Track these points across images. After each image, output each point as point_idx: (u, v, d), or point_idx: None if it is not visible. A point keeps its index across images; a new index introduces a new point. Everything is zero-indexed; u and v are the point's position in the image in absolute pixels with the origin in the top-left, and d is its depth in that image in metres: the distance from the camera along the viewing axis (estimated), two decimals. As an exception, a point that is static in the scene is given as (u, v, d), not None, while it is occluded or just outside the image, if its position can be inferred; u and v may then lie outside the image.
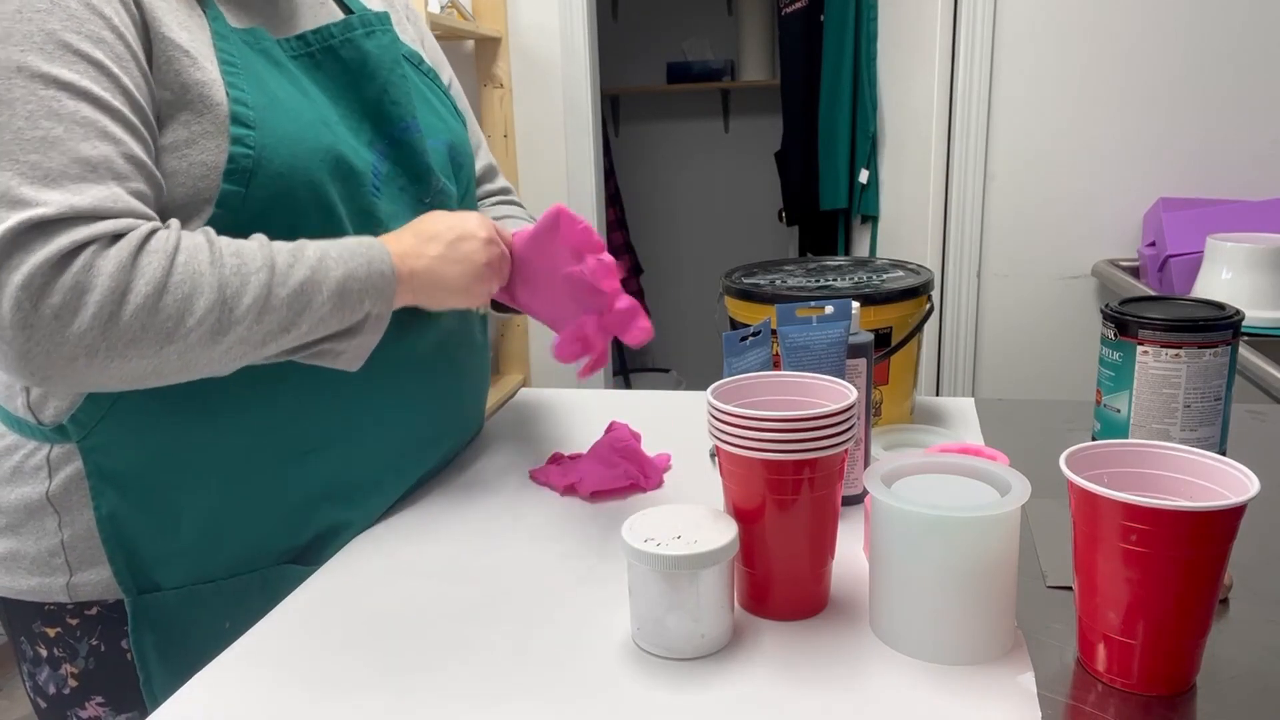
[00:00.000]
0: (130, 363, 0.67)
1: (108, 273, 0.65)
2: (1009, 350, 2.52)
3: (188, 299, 0.68)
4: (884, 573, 0.66)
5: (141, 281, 0.66)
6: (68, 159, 0.66)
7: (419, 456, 0.94)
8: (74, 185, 0.66)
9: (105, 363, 0.66)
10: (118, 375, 0.68)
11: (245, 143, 0.73)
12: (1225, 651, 0.65)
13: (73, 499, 0.79)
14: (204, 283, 0.68)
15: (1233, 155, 2.32)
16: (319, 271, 0.74)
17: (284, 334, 0.73)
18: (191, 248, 0.69)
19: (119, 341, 0.66)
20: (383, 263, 0.78)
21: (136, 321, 0.66)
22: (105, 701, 0.84)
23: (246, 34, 0.79)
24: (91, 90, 0.67)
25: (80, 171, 0.66)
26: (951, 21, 2.36)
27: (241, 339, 0.71)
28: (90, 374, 0.67)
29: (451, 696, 0.63)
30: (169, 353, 0.68)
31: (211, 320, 0.69)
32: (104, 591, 0.81)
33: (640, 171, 4.19)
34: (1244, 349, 1.50)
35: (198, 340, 0.69)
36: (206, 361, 0.70)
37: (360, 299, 0.76)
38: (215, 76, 0.74)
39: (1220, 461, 0.61)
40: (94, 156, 0.67)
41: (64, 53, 0.67)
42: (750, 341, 0.85)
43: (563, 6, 2.58)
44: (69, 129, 0.66)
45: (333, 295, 0.74)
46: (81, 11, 0.68)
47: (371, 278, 0.77)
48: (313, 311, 0.73)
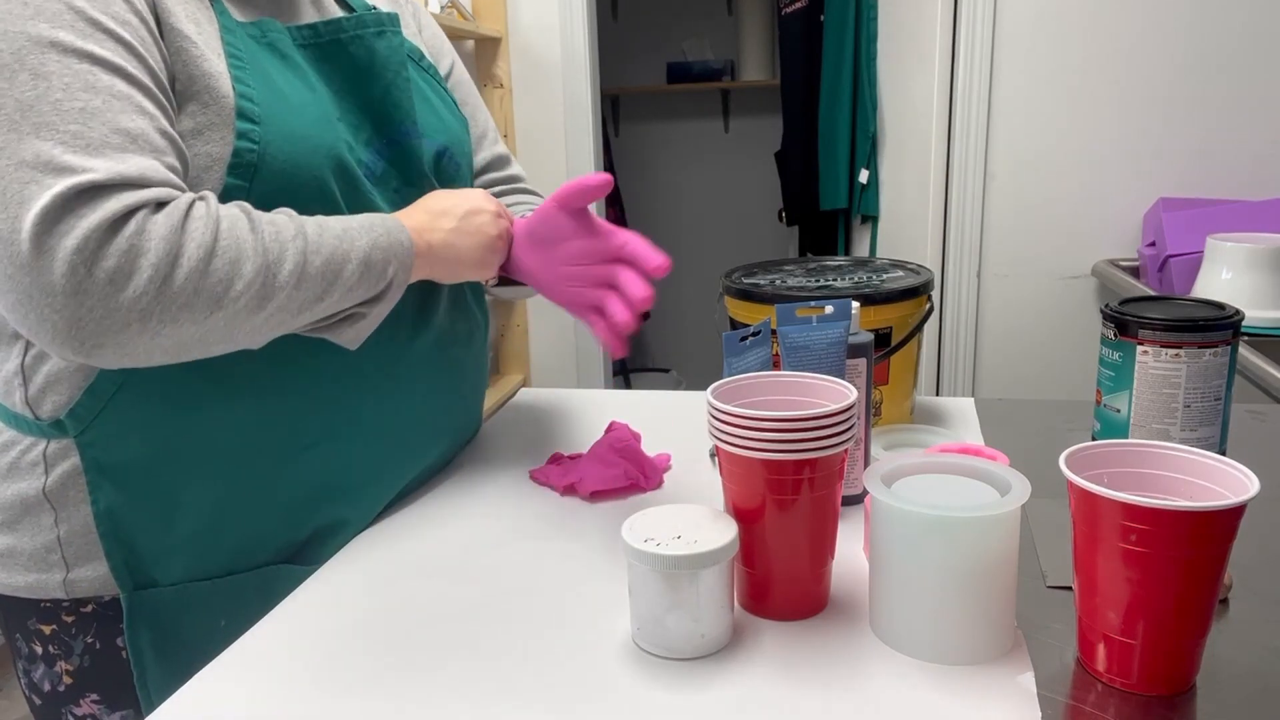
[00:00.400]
0: (181, 328, 0.67)
1: (160, 235, 0.66)
2: (1009, 350, 2.53)
3: (234, 264, 0.68)
4: (884, 573, 0.66)
5: (192, 245, 0.67)
6: (108, 129, 0.66)
7: (417, 454, 0.94)
8: (116, 154, 0.66)
9: (158, 328, 0.66)
10: (165, 343, 0.68)
11: (250, 137, 0.74)
12: (1225, 651, 0.65)
13: (69, 494, 0.79)
14: (248, 249, 0.69)
15: (1233, 155, 2.32)
16: (345, 240, 0.75)
17: (318, 302, 0.74)
18: (232, 216, 0.70)
19: (172, 305, 0.66)
20: (401, 233, 0.80)
21: (190, 285, 0.67)
22: (100, 699, 0.84)
23: (253, 26, 0.79)
24: (124, 67, 0.68)
25: (122, 141, 0.67)
26: (951, 21, 2.36)
27: (281, 306, 0.72)
28: (140, 341, 0.66)
29: (451, 696, 0.63)
30: (216, 319, 0.69)
31: (257, 286, 0.69)
32: (101, 588, 0.81)
33: (640, 171, 4.19)
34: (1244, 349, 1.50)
35: (244, 306, 0.69)
36: (249, 330, 0.71)
37: (384, 266, 0.78)
38: (222, 69, 0.74)
39: (1220, 461, 0.61)
40: (132, 128, 0.67)
41: (94, 30, 0.67)
42: (750, 341, 0.85)
43: (563, 6, 2.58)
44: (106, 101, 0.67)
45: (360, 264, 0.76)
46: None
47: (393, 247, 0.79)
48: (343, 280, 0.75)
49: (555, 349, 2.86)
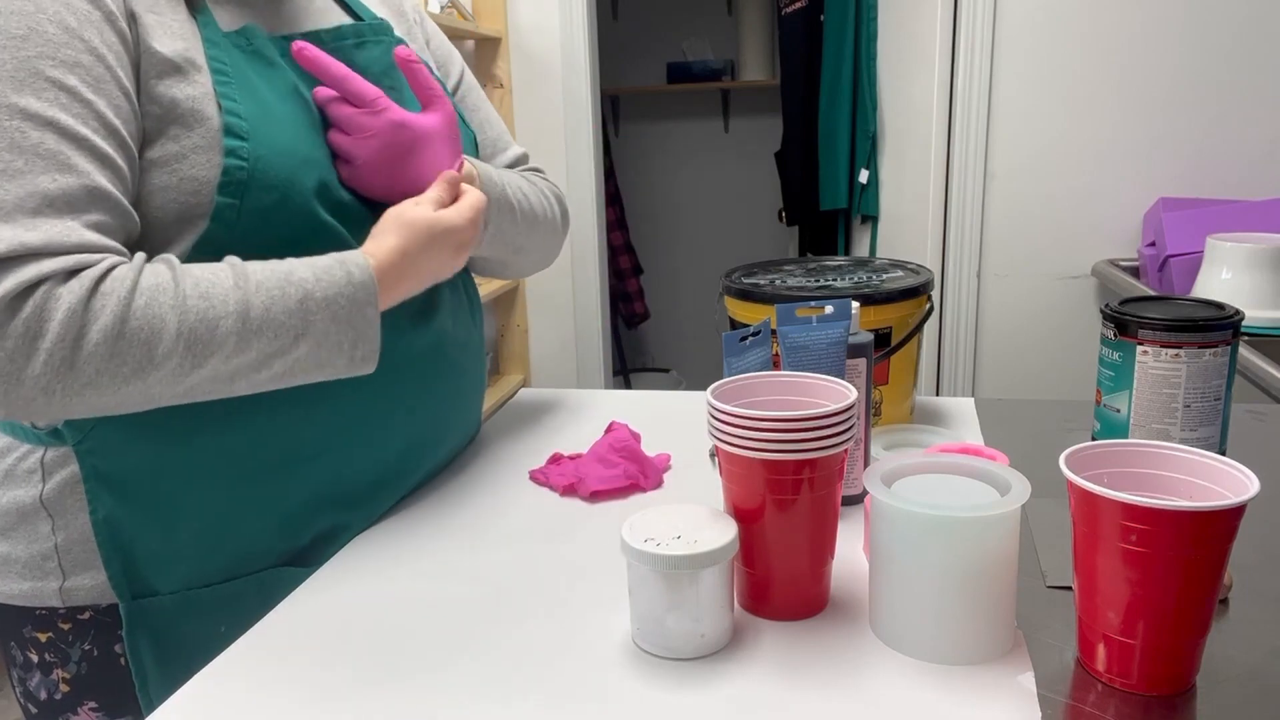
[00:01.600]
0: (89, 400, 0.67)
1: (58, 319, 0.64)
2: (1009, 350, 2.53)
3: (147, 344, 0.67)
4: (884, 573, 0.66)
5: (95, 327, 0.65)
6: (25, 192, 0.65)
7: (419, 459, 0.94)
8: (28, 220, 0.65)
9: (64, 400, 0.66)
10: (79, 410, 0.67)
11: (239, 154, 0.73)
12: (1225, 651, 0.65)
13: (67, 503, 0.78)
14: (165, 328, 0.67)
15: (1233, 155, 2.32)
16: (296, 316, 0.72)
17: (256, 373, 0.72)
18: (152, 289, 0.68)
19: (75, 383, 0.65)
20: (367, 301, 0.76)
21: (91, 366, 0.65)
22: (99, 707, 0.84)
23: (238, 35, 0.78)
24: (59, 120, 0.67)
25: (36, 205, 0.65)
26: (951, 21, 2.36)
27: (209, 378, 0.70)
28: (51, 410, 0.66)
29: (450, 697, 0.63)
30: (130, 391, 0.67)
31: (173, 364, 0.68)
32: (98, 596, 0.80)
33: (640, 171, 4.19)
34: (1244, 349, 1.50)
35: (159, 380, 0.68)
36: (171, 396, 0.70)
37: (338, 344, 0.75)
38: (207, 89, 0.73)
39: (1220, 461, 0.61)
40: (52, 190, 0.66)
41: (35, 80, 0.66)
42: (750, 341, 0.85)
43: (563, 6, 2.58)
44: (30, 161, 0.65)
45: (310, 340, 0.73)
46: (59, 36, 0.68)
47: (354, 320, 0.75)
48: (289, 357, 0.73)
49: (555, 349, 2.86)
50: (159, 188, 0.73)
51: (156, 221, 0.73)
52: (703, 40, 3.98)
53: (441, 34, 1.06)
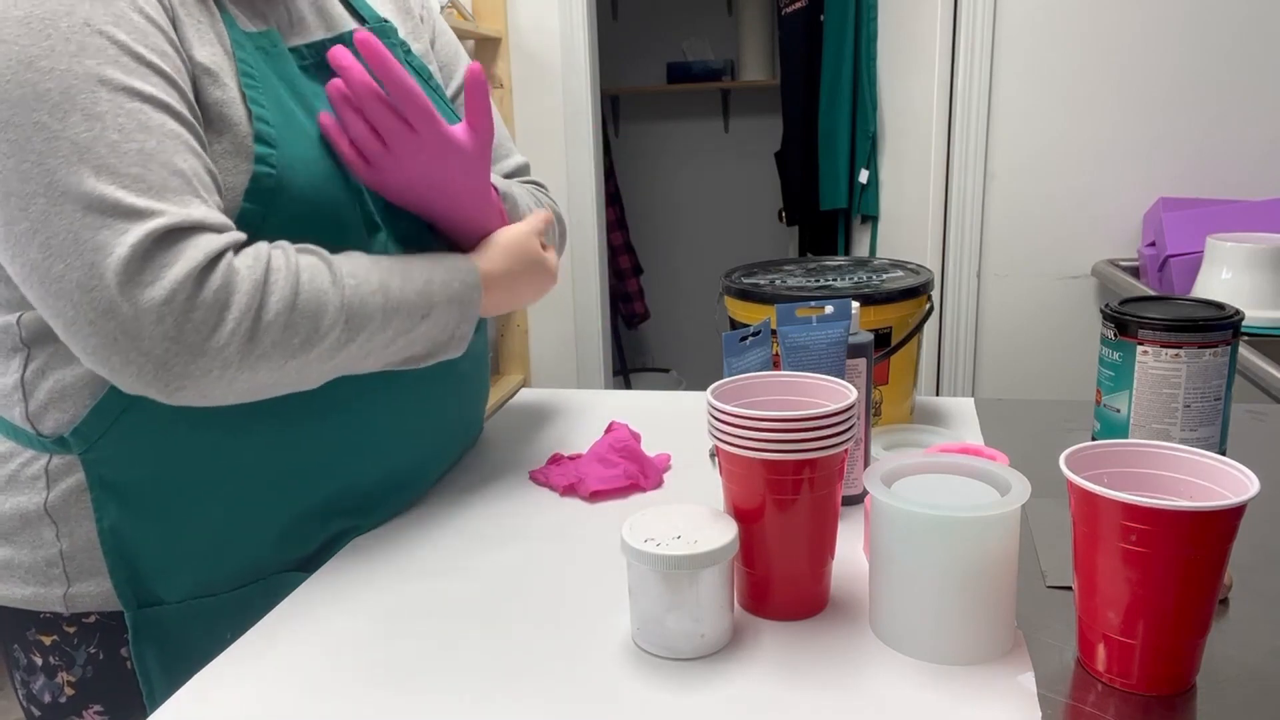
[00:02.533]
0: (259, 374, 0.69)
1: (245, 290, 0.67)
2: (1009, 350, 2.53)
3: (315, 317, 0.70)
4: (884, 573, 0.66)
5: (273, 300, 0.68)
6: (167, 171, 0.66)
7: (425, 468, 0.94)
8: (178, 197, 0.66)
9: (236, 374, 0.68)
10: (241, 388, 0.69)
11: (268, 161, 0.73)
12: (1225, 651, 0.65)
13: (72, 510, 0.78)
14: (329, 301, 0.71)
15: (1233, 155, 2.32)
16: (424, 296, 0.78)
17: (385, 350, 0.76)
18: (312, 267, 0.72)
19: (252, 355, 0.68)
20: (475, 285, 0.83)
21: (268, 338, 0.68)
22: (104, 710, 0.83)
23: (261, 37, 0.78)
24: (171, 104, 0.68)
25: (180, 184, 0.67)
26: (951, 21, 2.36)
27: (351, 356, 0.74)
28: (220, 385, 0.68)
29: (450, 696, 0.63)
30: (292, 366, 0.71)
31: (333, 338, 0.72)
32: (103, 603, 0.80)
33: (640, 171, 4.19)
34: (1244, 349, 1.50)
35: (318, 356, 0.72)
36: (318, 375, 0.73)
37: (447, 325, 0.81)
38: (235, 94, 0.73)
39: (1220, 461, 0.61)
40: (186, 170, 0.67)
41: (139, 65, 0.67)
42: (750, 341, 0.85)
43: (563, 6, 2.58)
44: (160, 142, 0.66)
45: (430, 322, 0.79)
46: (143, 25, 0.68)
47: (465, 307, 0.82)
48: (414, 334, 0.78)
49: (555, 349, 2.86)
50: None
51: None
52: (703, 40, 3.98)
53: (450, 33, 1.05)
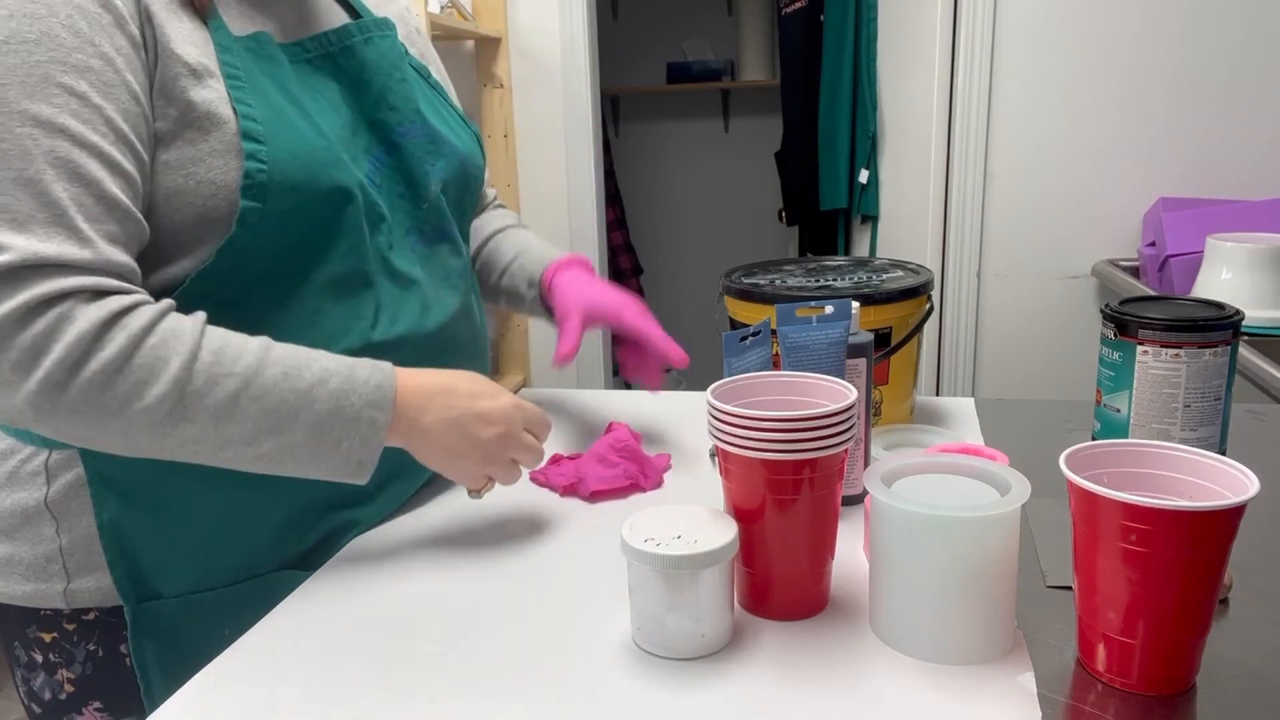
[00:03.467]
0: (70, 427, 0.67)
1: (66, 341, 0.65)
2: (1009, 350, 2.52)
3: (142, 384, 0.66)
4: (884, 573, 0.66)
5: (98, 357, 0.65)
6: (37, 202, 0.65)
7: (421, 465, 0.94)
8: (41, 230, 0.65)
9: (50, 420, 0.66)
10: (60, 433, 0.68)
11: (258, 157, 0.73)
12: (1225, 651, 0.65)
13: (72, 505, 0.78)
14: (165, 372, 0.67)
15: (1233, 155, 2.32)
16: (304, 398, 0.71)
17: (245, 447, 0.70)
18: (168, 331, 0.68)
19: (62, 408, 0.66)
20: (379, 406, 0.74)
21: (81, 394, 0.65)
22: (104, 707, 0.84)
23: (250, 40, 0.78)
24: (69, 126, 0.66)
25: (49, 216, 0.65)
26: (951, 21, 2.36)
27: (194, 439, 0.69)
28: (38, 425, 0.67)
29: (451, 696, 0.63)
30: (110, 429, 0.67)
31: (162, 411, 0.67)
32: (103, 599, 0.80)
33: (640, 171, 4.19)
34: (1244, 349, 1.50)
35: (144, 427, 0.67)
36: (156, 448, 0.69)
37: (338, 441, 0.73)
38: (221, 93, 0.73)
39: (1220, 461, 0.61)
40: (64, 199, 0.66)
41: (45, 86, 0.66)
42: (750, 341, 0.85)
43: (563, 6, 2.58)
44: (40, 169, 0.65)
45: (308, 427, 0.71)
46: (70, 40, 0.67)
47: (359, 422, 0.73)
48: (281, 439, 0.71)
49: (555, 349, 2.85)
50: (174, 191, 0.72)
51: (171, 226, 0.73)
52: (703, 40, 3.98)
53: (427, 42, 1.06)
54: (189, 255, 0.74)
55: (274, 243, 0.75)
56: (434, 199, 0.89)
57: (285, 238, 0.76)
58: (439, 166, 0.90)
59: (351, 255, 0.80)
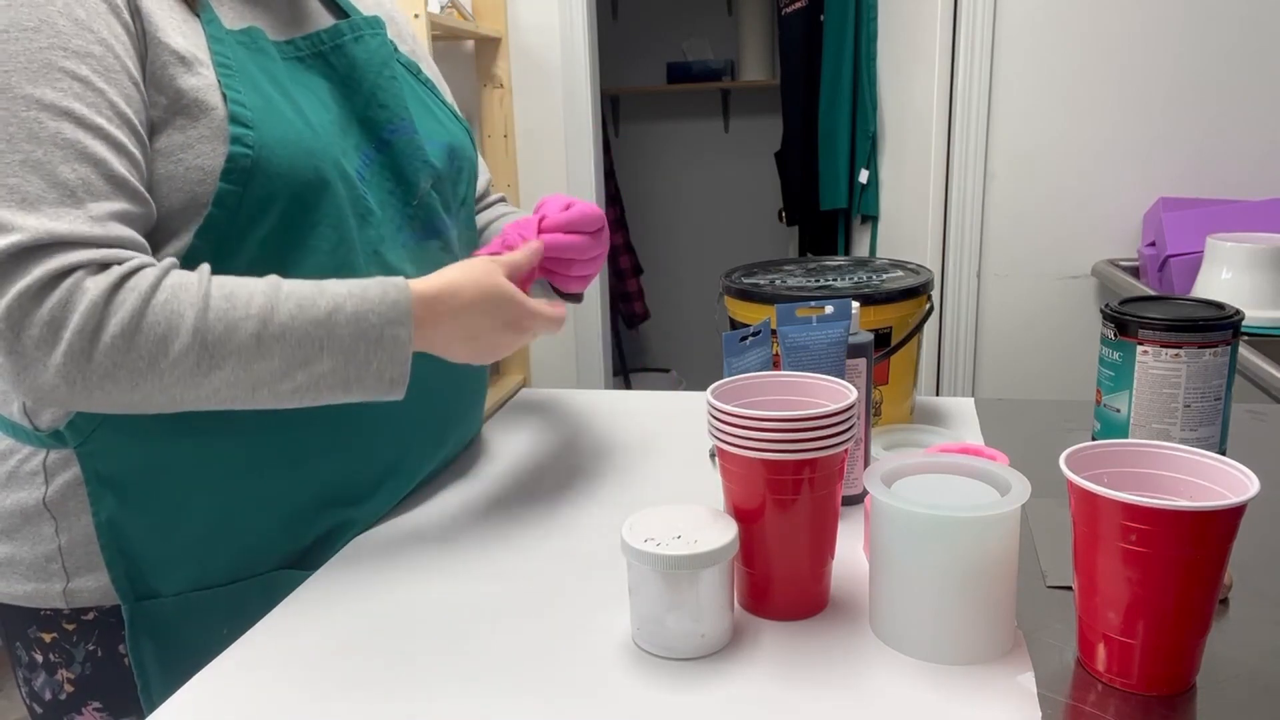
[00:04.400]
0: (109, 394, 0.68)
1: (81, 309, 0.65)
2: (1009, 350, 2.52)
3: (163, 339, 0.67)
4: (884, 573, 0.66)
5: (114, 320, 0.66)
6: (46, 183, 0.66)
7: (420, 461, 0.94)
8: (52, 210, 0.66)
9: (85, 392, 0.67)
10: (101, 403, 0.68)
11: (244, 142, 0.73)
12: (1225, 651, 0.65)
13: (70, 505, 0.78)
14: (183, 324, 0.68)
15: (1233, 155, 2.32)
16: (324, 327, 0.72)
17: (279, 383, 0.71)
18: (175, 286, 0.68)
19: (94, 375, 0.66)
20: (399, 321, 0.75)
21: (108, 359, 0.66)
22: (103, 707, 0.84)
23: (242, 34, 0.79)
24: (74, 109, 0.68)
25: (59, 196, 0.66)
26: (951, 21, 2.36)
27: (229, 383, 0.70)
28: (75, 399, 0.68)
29: (450, 696, 0.63)
30: (147, 388, 0.68)
31: (189, 362, 0.68)
32: (101, 598, 0.80)
33: (640, 171, 4.19)
34: (1244, 349, 1.50)
35: (176, 380, 0.68)
36: (194, 399, 0.70)
37: (367, 361, 0.74)
38: (211, 81, 0.74)
39: (1220, 461, 0.61)
40: (72, 180, 0.67)
41: (48, 71, 0.67)
42: (750, 341, 0.85)
43: (563, 6, 2.58)
44: (48, 151, 0.66)
45: (335, 353, 0.72)
46: (69, 27, 0.68)
47: (383, 339, 0.74)
48: (312, 369, 0.72)
49: (555, 349, 2.86)
50: (164, 177, 0.73)
51: (163, 211, 0.74)
52: (703, 40, 3.98)
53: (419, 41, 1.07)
54: (179, 239, 0.75)
55: (257, 228, 0.75)
56: (423, 196, 0.89)
57: (268, 225, 0.76)
58: (429, 164, 0.90)
59: (341, 248, 0.80)
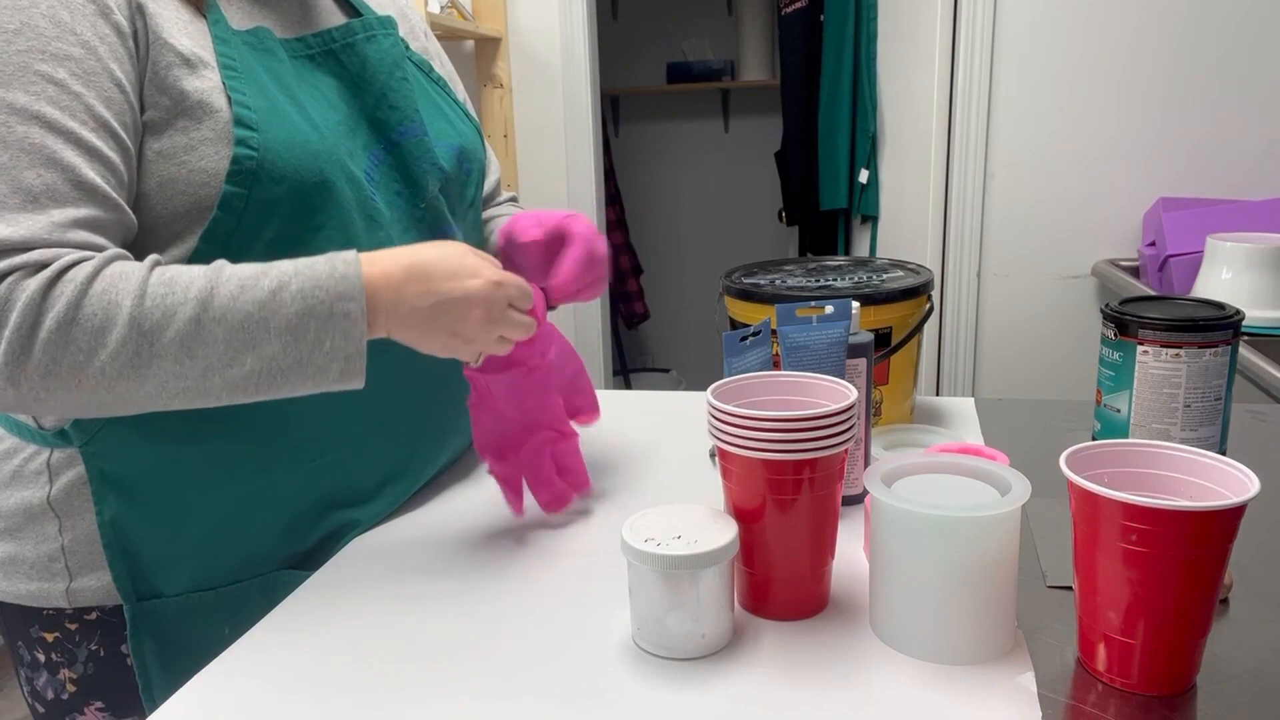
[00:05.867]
0: (55, 394, 0.66)
1: (18, 307, 0.64)
2: (1009, 350, 2.52)
3: (100, 330, 0.65)
4: (884, 573, 0.66)
5: (50, 315, 0.64)
6: (9, 188, 0.65)
7: (423, 461, 0.94)
8: (11, 215, 0.65)
9: (31, 392, 0.65)
10: (51, 404, 0.66)
11: (249, 144, 0.73)
12: (1225, 651, 0.65)
13: (74, 504, 0.78)
14: (119, 314, 0.65)
15: (1233, 155, 2.32)
16: (268, 307, 0.68)
17: (228, 369, 0.68)
18: (114, 275, 0.66)
19: (35, 373, 0.65)
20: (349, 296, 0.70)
21: (47, 355, 0.65)
22: (105, 707, 0.84)
23: (249, 35, 0.78)
24: (44, 113, 0.67)
25: (20, 201, 0.66)
26: (951, 21, 2.36)
27: (173, 374, 0.67)
28: (24, 402, 0.66)
29: (450, 695, 0.63)
30: (91, 384, 0.66)
31: (127, 353, 0.65)
32: (104, 597, 0.80)
33: (640, 171, 4.19)
34: (1244, 349, 1.50)
35: (118, 372, 0.66)
36: (140, 394, 0.67)
37: (318, 340, 0.70)
38: (216, 82, 0.73)
39: (1220, 461, 0.61)
40: (36, 185, 0.66)
41: (23, 75, 0.67)
42: (750, 341, 0.85)
43: (563, 6, 2.58)
44: (14, 156, 0.66)
45: (282, 333, 0.69)
46: (50, 30, 0.68)
47: (333, 317, 0.70)
48: (260, 351, 0.68)
49: (555, 349, 2.85)
50: (167, 180, 0.73)
51: (165, 215, 0.73)
52: (703, 40, 3.98)
53: (434, 40, 1.06)
54: (183, 242, 0.74)
55: (263, 231, 0.75)
56: (432, 199, 0.89)
57: (274, 228, 0.76)
58: (437, 167, 0.90)
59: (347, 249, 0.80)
